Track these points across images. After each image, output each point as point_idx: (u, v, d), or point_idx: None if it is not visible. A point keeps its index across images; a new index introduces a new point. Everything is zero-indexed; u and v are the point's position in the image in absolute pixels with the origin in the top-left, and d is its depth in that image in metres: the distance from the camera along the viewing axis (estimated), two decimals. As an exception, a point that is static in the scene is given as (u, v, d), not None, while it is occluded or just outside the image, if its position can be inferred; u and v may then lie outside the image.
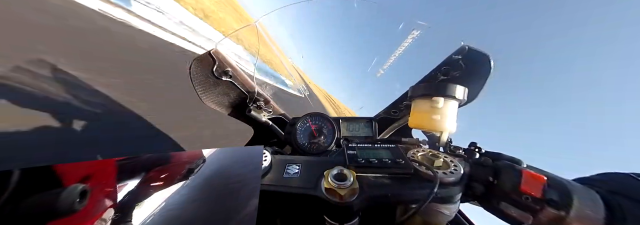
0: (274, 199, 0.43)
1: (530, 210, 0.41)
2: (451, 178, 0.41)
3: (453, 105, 0.57)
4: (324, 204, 0.39)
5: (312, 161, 0.51)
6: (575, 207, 0.38)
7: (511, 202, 0.43)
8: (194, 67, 0.82)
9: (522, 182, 0.43)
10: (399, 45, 1.05)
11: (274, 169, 0.48)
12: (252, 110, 1.00)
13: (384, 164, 0.44)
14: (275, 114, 1.11)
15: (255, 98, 1.01)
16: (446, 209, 0.44)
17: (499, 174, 0.47)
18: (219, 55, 0.83)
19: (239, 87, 0.95)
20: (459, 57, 0.80)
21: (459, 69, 0.82)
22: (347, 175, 0.40)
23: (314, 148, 1.01)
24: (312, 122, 1.07)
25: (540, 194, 0.41)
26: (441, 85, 0.54)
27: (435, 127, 0.57)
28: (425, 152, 0.50)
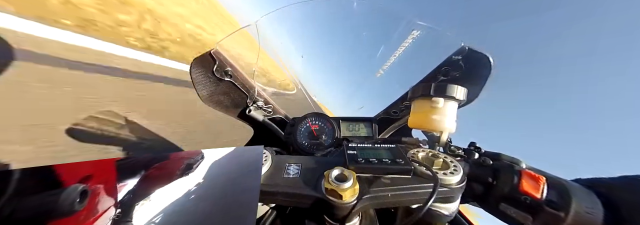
0: (274, 199, 0.43)
1: (529, 210, 0.41)
2: (451, 178, 0.41)
3: (453, 106, 0.57)
4: (324, 204, 0.39)
5: (312, 161, 0.51)
6: (574, 208, 0.38)
7: (510, 202, 0.43)
8: (194, 67, 0.82)
9: (522, 182, 0.43)
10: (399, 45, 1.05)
11: (274, 169, 0.48)
12: (252, 110, 1.00)
13: (384, 164, 0.44)
14: (275, 114, 1.12)
15: (255, 98, 1.01)
16: (446, 209, 0.44)
17: (499, 174, 0.47)
18: (219, 55, 0.83)
19: (239, 87, 0.95)
20: (459, 57, 0.80)
21: (459, 69, 0.83)
22: (347, 175, 0.40)
23: (314, 148, 1.02)
24: (312, 122, 1.07)
25: (539, 194, 0.41)
26: (441, 86, 0.54)
27: (435, 128, 0.57)
28: (425, 153, 0.50)
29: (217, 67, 0.85)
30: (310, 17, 0.95)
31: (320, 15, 0.96)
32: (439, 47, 0.88)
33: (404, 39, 1.00)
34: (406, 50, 1.04)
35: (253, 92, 0.99)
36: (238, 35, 0.90)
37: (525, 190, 0.42)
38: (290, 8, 0.95)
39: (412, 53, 1.03)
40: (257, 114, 1.02)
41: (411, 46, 1.01)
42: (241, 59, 0.93)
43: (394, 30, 1.00)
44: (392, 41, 1.03)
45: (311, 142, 1.03)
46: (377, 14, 0.97)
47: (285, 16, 0.96)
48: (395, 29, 0.98)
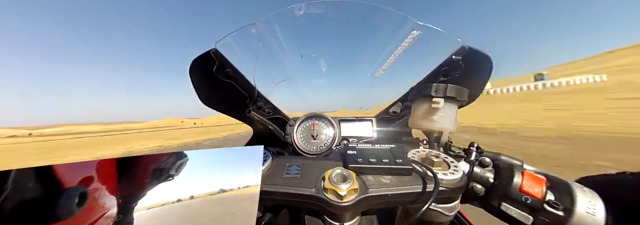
0: (274, 199, 0.43)
1: (530, 211, 0.41)
2: (451, 178, 0.41)
3: (453, 106, 0.57)
4: (324, 204, 0.39)
5: (312, 161, 0.51)
6: (576, 208, 0.38)
7: (511, 203, 0.43)
8: (194, 67, 0.81)
9: (523, 183, 0.43)
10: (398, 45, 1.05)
11: (274, 170, 0.48)
12: (252, 110, 1.00)
13: (383, 165, 0.44)
14: (275, 115, 1.11)
15: (255, 99, 1.01)
16: (446, 209, 0.44)
17: (499, 174, 0.47)
18: (219, 55, 0.82)
19: (238, 88, 0.95)
20: (459, 57, 0.80)
21: (459, 69, 0.82)
22: (346, 176, 0.40)
23: (314, 148, 1.01)
24: (312, 122, 1.07)
25: (541, 195, 0.41)
26: (441, 86, 0.54)
27: (436, 128, 0.57)
28: (425, 153, 0.50)
29: (216, 68, 0.84)
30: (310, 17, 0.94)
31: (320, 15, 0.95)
32: (439, 47, 0.88)
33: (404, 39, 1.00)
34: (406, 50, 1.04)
35: (253, 93, 0.99)
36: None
37: (526, 190, 0.42)
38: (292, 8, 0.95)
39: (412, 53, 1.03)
40: (257, 114, 1.02)
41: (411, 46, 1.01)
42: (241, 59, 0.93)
43: (393, 30, 1.00)
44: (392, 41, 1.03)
45: (311, 142, 1.03)
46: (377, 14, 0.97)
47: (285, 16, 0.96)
48: (395, 29, 0.98)
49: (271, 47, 1.02)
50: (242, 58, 0.91)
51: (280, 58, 1.11)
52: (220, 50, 0.81)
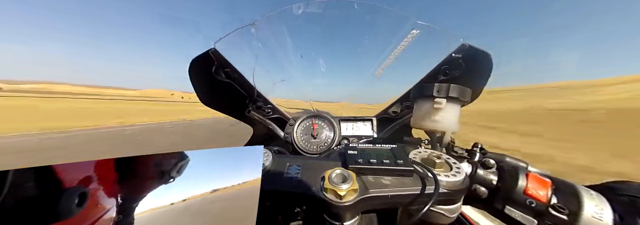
0: (274, 199, 0.43)
1: (535, 214, 0.40)
2: (453, 180, 0.41)
3: (456, 106, 0.56)
4: (324, 204, 0.39)
5: (312, 161, 0.50)
6: (582, 213, 0.36)
7: (515, 206, 0.42)
8: (193, 67, 0.81)
9: (528, 185, 0.42)
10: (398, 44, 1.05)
11: (275, 169, 0.48)
12: (252, 110, 1.00)
13: (384, 165, 0.43)
14: (275, 114, 1.11)
15: (255, 98, 1.01)
16: (447, 211, 0.44)
17: (503, 176, 0.46)
18: (218, 55, 0.82)
19: (238, 88, 0.95)
20: (459, 55, 0.79)
21: (459, 68, 0.82)
22: (347, 176, 0.40)
23: (314, 148, 1.01)
24: (312, 122, 1.06)
25: (546, 198, 0.40)
26: (444, 86, 0.54)
27: (438, 128, 0.56)
28: (426, 153, 0.49)
29: (216, 68, 0.84)
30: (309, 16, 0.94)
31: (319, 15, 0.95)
32: (438, 46, 0.88)
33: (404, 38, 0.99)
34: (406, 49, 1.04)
35: (253, 92, 0.98)
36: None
37: (531, 193, 0.41)
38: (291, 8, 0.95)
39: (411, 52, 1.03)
40: (257, 114, 1.02)
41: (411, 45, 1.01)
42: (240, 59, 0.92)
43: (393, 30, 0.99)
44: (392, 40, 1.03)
45: (311, 142, 1.02)
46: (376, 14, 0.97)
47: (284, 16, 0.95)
48: (395, 28, 0.98)
49: (270, 47, 1.02)
50: (241, 58, 0.91)
51: (280, 58, 1.10)
52: (219, 50, 0.81)
